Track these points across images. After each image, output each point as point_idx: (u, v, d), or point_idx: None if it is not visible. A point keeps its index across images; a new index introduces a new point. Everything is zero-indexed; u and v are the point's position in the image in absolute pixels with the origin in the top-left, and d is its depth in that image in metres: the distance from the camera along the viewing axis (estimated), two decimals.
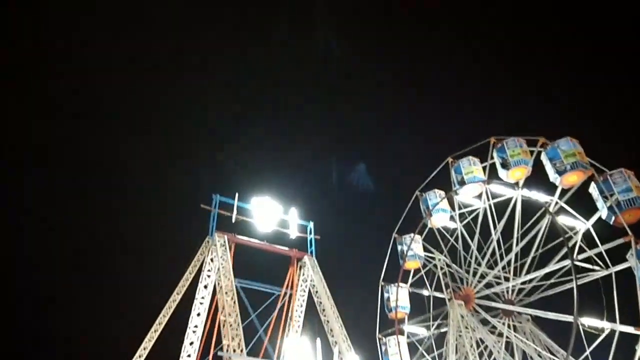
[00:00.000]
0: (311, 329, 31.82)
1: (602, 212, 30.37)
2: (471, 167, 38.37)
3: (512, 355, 34.38)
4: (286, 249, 32.93)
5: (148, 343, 28.87)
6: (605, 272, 30.57)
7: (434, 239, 40.22)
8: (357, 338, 33.35)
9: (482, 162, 38.20)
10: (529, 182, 35.14)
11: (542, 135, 33.90)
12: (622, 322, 28.92)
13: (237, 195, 32.07)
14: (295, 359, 29.89)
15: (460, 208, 39.16)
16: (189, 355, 29.80)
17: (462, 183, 38.22)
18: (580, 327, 29.45)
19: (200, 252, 31.47)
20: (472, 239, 38.02)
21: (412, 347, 39.63)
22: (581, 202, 32.71)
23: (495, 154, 36.40)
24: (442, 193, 40.23)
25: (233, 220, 31.83)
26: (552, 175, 33.08)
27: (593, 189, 31.05)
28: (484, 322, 35.62)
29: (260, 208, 32.22)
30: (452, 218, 39.73)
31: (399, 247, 41.89)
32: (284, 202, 33.31)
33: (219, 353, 27.77)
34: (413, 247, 41.11)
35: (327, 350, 31.28)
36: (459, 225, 39.24)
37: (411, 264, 41.34)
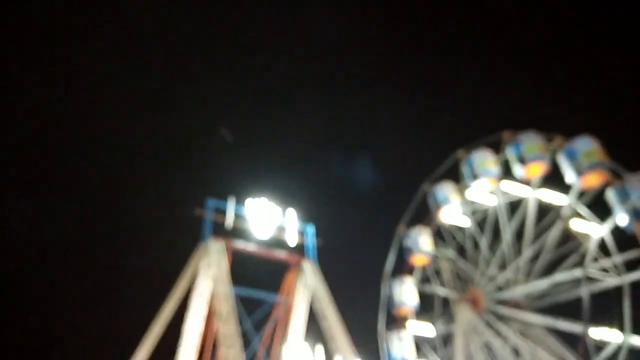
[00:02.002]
0: (313, 336, 33.02)
1: (620, 220, 30.78)
2: (484, 161, 38.36)
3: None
4: (285, 254, 33.74)
5: (142, 353, 30.22)
6: (617, 282, 31.21)
7: (442, 236, 40.95)
8: (362, 340, 34.67)
9: (494, 154, 38.34)
10: (543, 182, 35.41)
11: (557, 133, 33.97)
12: (633, 333, 29.71)
13: (232, 200, 32.68)
14: None
15: (471, 204, 39.53)
16: None
17: (474, 177, 38.25)
18: (589, 339, 30.47)
19: (194, 259, 32.40)
20: (482, 238, 38.65)
21: (418, 346, 40.95)
22: (597, 204, 33.12)
23: (508, 150, 36.51)
24: (453, 186, 40.41)
25: (230, 226, 32.54)
26: (570, 176, 33.33)
27: (610, 194, 31.39)
28: (492, 324, 36.66)
29: (257, 212, 32.80)
30: (462, 214, 40.17)
31: (405, 241, 42.51)
32: (282, 203, 33.86)
33: None
34: (420, 242, 41.64)
35: (329, 357, 32.59)
36: (470, 222, 39.78)
37: (418, 259, 42.01)
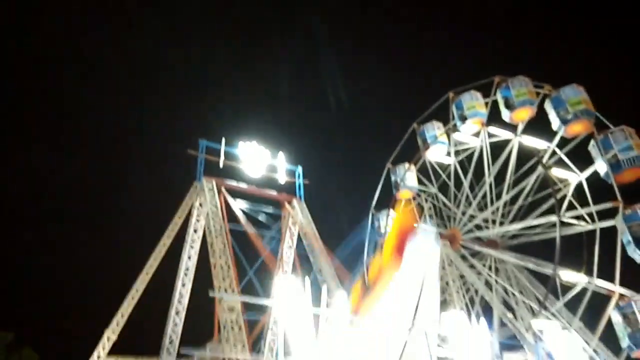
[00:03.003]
0: (302, 269, 34.62)
1: (601, 170, 31.61)
2: (473, 102, 38.64)
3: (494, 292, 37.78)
4: (275, 193, 34.59)
5: (140, 285, 31.75)
6: (590, 227, 32.52)
7: (426, 174, 41.77)
8: (348, 271, 36.39)
9: (484, 98, 38.50)
10: (529, 128, 35.87)
11: (545, 81, 33.96)
12: (599, 277, 31.34)
13: (223, 140, 32.91)
14: (285, 297, 32.86)
15: (457, 145, 40.08)
16: (181, 296, 33.14)
17: (462, 118, 38.58)
18: (558, 279, 32.34)
19: (188, 197, 33.21)
20: (465, 178, 39.56)
21: None
22: (580, 153, 33.80)
23: (498, 94, 36.64)
24: (441, 125, 40.77)
25: (221, 165, 33.03)
26: (556, 124, 33.72)
27: (592, 146, 31.99)
28: (468, 259, 38.55)
29: (248, 153, 33.21)
30: (447, 154, 40.80)
31: (392, 178, 43.45)
32: (272, 147, 34.23)
33: (211, 294, 30.88)
34: (406, 178, 42.57)
35: (317, 288, 34.48)
36: (454, 161, 40.49)
37: (404, 194, 43.06)
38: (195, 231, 33.35)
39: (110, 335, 29.46)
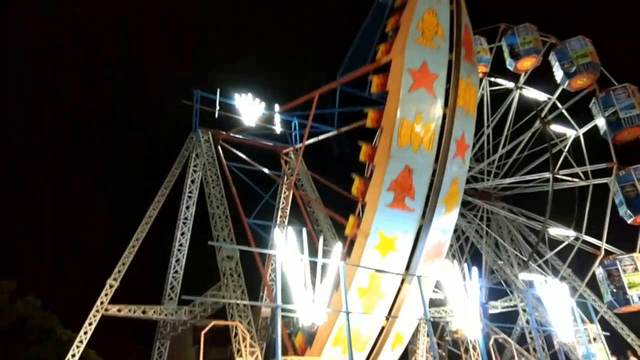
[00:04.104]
0: (299, 221, 34.82)
1: (601, 128, 31.03)
2: (478, 47, 37.32)
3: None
4: (271, 143, 34.06)
5: (140, 234, 31.98)
6: (583, 184, 32.46)
7: None
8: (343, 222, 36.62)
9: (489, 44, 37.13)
10: (532, 79, 34.83)
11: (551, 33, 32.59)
12: (587, 233, 31.69)
13: (218, 91, 31.87)
14: (283, 247, 33.06)
15: None
16: (180, 245, 33.66)
17: None
18: (547, 234, 32.80)
19: (184, 147, 32.71)
20: None
21: None
22: (580, 108, 33.04)
23: (504, 41, 35.31)
24: None
25: (216, 116, 32.19)
26: (560, 77, 32.70)
27: (593, 103, 31.17)
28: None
29: (244, 104, 32.29)
30: None
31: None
32: (267, 100, 33.22)
33: (209, 242, 31.34)
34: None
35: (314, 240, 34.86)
36: None
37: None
38: (192, 182, 33.21)
39: (112, 283, 30.09)
